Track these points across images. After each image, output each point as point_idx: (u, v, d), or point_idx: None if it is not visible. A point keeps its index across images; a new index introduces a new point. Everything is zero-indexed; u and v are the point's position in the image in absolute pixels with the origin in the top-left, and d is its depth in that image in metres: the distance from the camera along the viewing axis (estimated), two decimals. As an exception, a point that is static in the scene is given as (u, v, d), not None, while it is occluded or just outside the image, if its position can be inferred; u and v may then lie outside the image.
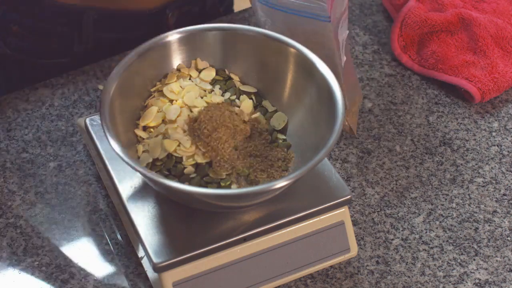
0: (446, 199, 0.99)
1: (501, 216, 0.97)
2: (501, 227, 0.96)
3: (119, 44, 1.08)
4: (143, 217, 0.84)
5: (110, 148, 0.79)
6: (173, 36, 0.89)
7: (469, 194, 0.99)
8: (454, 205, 0.98)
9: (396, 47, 1.15)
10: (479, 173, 1.02)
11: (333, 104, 0.83)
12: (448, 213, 0.97)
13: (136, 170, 0.78)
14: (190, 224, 0.84)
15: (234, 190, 0.79)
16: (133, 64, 0.86)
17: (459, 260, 0.93)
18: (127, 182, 0.86)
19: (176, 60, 0.91)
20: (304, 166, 0.78)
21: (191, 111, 0.87)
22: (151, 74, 0.89)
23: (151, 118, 0.86)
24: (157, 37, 0.88)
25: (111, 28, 1.11)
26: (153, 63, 0.88)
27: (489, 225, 0.96)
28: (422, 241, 0.94)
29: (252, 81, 0.92)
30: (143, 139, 0.86)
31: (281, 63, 0.90)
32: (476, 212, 0.97)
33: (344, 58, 0.96)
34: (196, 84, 0.89)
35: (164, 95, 0.88)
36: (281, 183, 0.77)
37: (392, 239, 0.94)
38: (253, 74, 0.92)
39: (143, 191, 0.86)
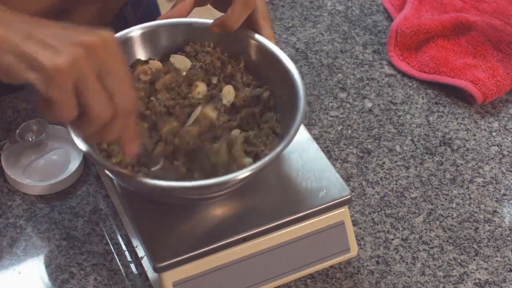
0: (446, 199, 0.99)
1: (501, 216, 0.97)
2: (501, 227, 0.96)
3: None
4: (143, 217, 0.84)
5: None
6: (135, 32, 0.89)
7: (469, 194, 0.99)
8: (454, 205, 0.98)
9: (393, 56, 1.15)
10: (479, 173, 1.02)
11: (294, 92, 0.84)
12: (448, 213, 0.97)
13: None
14: (190, 224, 0.84)
15: (192, 183, 0.77)
16: None
17: (459, 260, 0.93)
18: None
19: (140, 55, 0.91)
20: (265, 157, 0.78)
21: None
22: None
23: None
24: (119, 33, 0.88)
25: None
26: None
27: (489, 225, 0.96)
28: (422, 241, 0.94)
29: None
30: None
31: (243, 55, 0.90)
32: (476, 212, 0.97)
33: None
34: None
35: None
36: (242, 175, 0.77)
37: (392, 239, 0.94)
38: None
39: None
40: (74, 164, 0.97)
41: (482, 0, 1.22)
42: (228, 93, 0.87)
